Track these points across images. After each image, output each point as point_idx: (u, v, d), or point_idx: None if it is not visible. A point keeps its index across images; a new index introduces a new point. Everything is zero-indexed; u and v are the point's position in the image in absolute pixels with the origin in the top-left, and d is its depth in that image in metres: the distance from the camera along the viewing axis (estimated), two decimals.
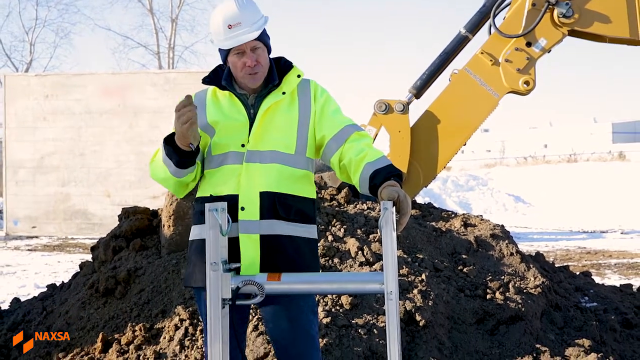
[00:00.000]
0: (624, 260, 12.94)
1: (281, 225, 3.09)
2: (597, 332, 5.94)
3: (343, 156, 3.13)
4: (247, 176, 3.07)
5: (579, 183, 28.18)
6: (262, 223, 3.06)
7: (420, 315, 5.19)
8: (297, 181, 3.16)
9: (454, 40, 7.02)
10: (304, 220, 3.18)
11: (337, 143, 3.16)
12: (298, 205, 3.15)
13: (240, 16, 3.05)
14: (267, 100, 3.15)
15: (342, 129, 3.18)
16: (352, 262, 5.59)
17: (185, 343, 4.82)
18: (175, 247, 5.82)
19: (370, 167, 2.98)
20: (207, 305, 2.79)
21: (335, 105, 3.28)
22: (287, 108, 3.18)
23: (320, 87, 3.29)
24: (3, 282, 10.84)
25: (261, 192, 3.07)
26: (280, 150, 3.12)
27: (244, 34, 3.04)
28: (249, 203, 3.06)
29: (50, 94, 18.44)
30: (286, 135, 3.15)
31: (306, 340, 3.18)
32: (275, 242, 3.07)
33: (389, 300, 2.70)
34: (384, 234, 2.71)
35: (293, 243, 3.12)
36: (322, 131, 3.19)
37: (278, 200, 3.09)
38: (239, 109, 3.16)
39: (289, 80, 3.22)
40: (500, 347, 5.38)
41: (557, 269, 7.39)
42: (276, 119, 3.15)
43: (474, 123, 7.01)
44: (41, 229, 18.58)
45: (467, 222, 7.08)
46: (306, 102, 3.22)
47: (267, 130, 3.12)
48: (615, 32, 6.80)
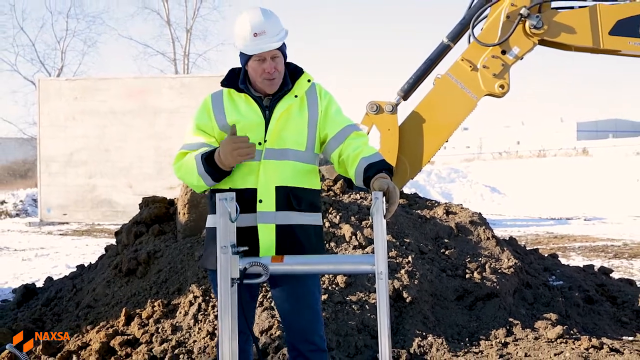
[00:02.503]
0: (587, 243, 12.95)
1: (294, 215, 3.10)
2: (562, 307, 5.95)
3: (342, 152, 3.13)
4: (265, 172, 3.06)
5: (547, 176, 28.20)
6: (278, 214, 3.07)
7: (407, 292, 5.19)
8: (306, 175, 3.17)
9: (437, 48, 7.02)
10: (312, 210, 3.19)
11: (338, 141, 3.16)
12: (308, 197, 3.16)
13: (265, 26, 3.03)
14: (281, 103, 3.13)
15: (343, 129, 3.18)
16: (346, 246, 5.59)
17: (198, 317, 4.82)
18: (189, 232, 5.81)
19: (364, 161, 2.99)
20: (218, 284, 2.79)
21: (337, 106, 3.28)
22: (298, 110, 3.17)
23: (324, 90, 3.29)
24: (38, 263, 10.85)
25: (277, 187, 3.07)
26: (293, 148, 3.12)
27: (268, 42, 3.03)
28: (266, 196, 3.06)
29: (79, 96, 18.42)
30: (299, 134, 3.14)
31: (311, 315, 3.18)
32: (289, 231, 3.08)
33: (379, 280, 2.70)
34: (375, 221, 2.71)
35: (303, 231, 3.13)
36: (325, 129, 3.20)
37: (292, 193, 3.09)
38: (255, 110, 3.14)
39: (300, 85, 3.21)
40: (477, 321, 5.39)
41: (528, 252, 7.40)
42: (290, 120, 3.14)
43: (455, 122, 7.00)
44: (71, 216, 18.58)
45: (448, 210, 7.09)
46: (314, 104, 3.21)
47: (282, 130, 3.11)
48: (580, 41, 6.79)
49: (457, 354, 4.75)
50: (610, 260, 10.47)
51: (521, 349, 4.87)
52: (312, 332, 3.18)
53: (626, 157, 31.40)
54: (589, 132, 61.60)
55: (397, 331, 4.95)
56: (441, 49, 7.02)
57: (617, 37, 6.76)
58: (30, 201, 22.48)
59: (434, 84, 6.95)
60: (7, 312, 6.44)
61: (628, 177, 25.76)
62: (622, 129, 62.80)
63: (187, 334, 4.72)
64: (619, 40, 6.78)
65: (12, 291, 7.62)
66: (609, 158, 31.91)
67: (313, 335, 3.18)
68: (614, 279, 7.41)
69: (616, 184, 24.87)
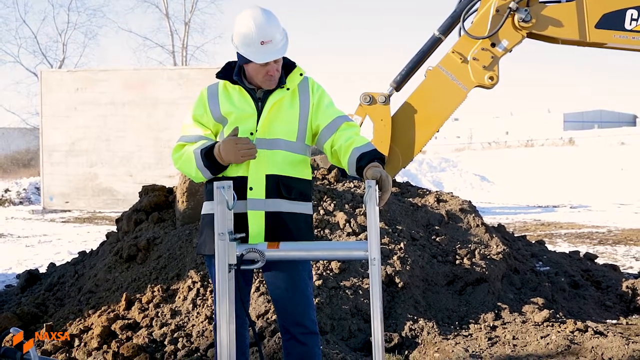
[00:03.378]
0: (573, 230, 13.00)
1: (283, 203, 3.11)
2: (549, 291, 5.97)
3: (334, 143, 3.13)
4: (256, 161, 3.06)
5: (534, 165, 28.28)
6: (267, 201, 3.08)
7: (399, 278, 5.20)
8: (297, 165, 3.17)
9: (428, 41, 7.00)
10: (302, 199, 3.20)
11: (330, 131, 3.16)
12: (298, 186, 3.16)
13: (272, 33, 3.01)
14: (273, 95, 3.14)
15: (334, 120, 3.18)
16: (340, 233, 5.60)
17: (197, 302, 4.82)
18: (188, 219, 5.81)
19: (357, 151, 2.99)
20: (216, 269, 2.79)
21: (329, 99, 3.28)
22: (290, 102, 3.18)
23: (317, 84, 3.29)
24: (41, 249, 10.84)
25: (267, 175, 3.08)
26: (284, 139, 3.12)
27: (276, 52, 3.03)
28: (256, 184, 3.07)
29: (80, 87, 18.36)
30: (289, 125, 3.15)
31: (302, 300, 3.19)
32: (278, 218, 3.09)
33: (372, 266, 2.70)
34: (368, 208, 2.71)
35: (292, 218, 3.13)
36: (317, 121, 3.20)
37: (281, 182, 3.10)
38: (248, 102, 3.15)
39: (293, 78, 3.21)
40: (467, 305, 5.41)
41: (516, 238, 7.42)
42: (281, 111, 3.14)
43: (445, 113, 7.00)
44: (73, 203, 18.55)
45: (439, 198, 7.09)
46: (305, 97, 3.21)
47: (273, 121, 3.12)
48: (566, 34, 6.78)
49: (448, 337, 4.77)
50: (595, 246, 10.51)
51: (509, 332, 4.89)
52: (304, 316, 3.19)
53: (611, 147, 31.50)
54: (575, 122, 61.72)
55: (389, 315, 4.96)
56: (432, 42, 7.00)
57: (602, 30, 6.75)
58: (33, 189, 22.42)
59: (425, 76, 6.94)
60: (12, 297, 6.43)
61: (612, 167, 25.86)
62: (607, 120, 62.98)
63: (185, 318, 4.72)
64: (605, 33, 6.77)
65: (16, 276, 7.61)
66: (594, 148, 31.99)
67: (304, 318, 3.19)
68: (599, 265, 7.44)
69: (601, 173, 24.96)
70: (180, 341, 4.46)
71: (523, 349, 4.59)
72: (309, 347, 3.21)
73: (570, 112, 65.61)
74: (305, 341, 3.19)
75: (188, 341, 4.46)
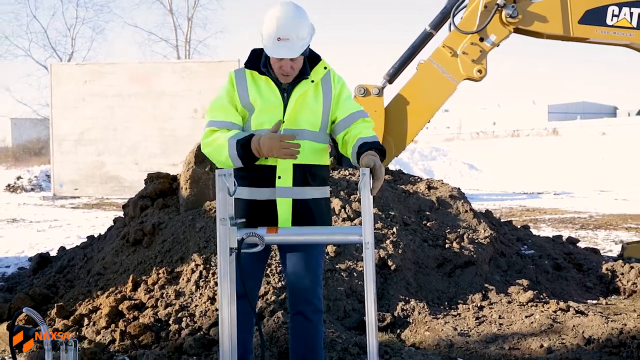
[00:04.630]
0: (556, 216, 13.03)
1: (309, 190, 3.14)
2: (533, 274, 5.99)
3: (347, 134, 3.16)
4: None
5: (520, 154, 28.28)
6: (295, 189, 3.10)
7: (392, 261, 5.21)
8: (320, 153, 3.19)
9: (420, 35, 6.98)
10: (323, 184, 3.24)
11: (345, 124, 3.17)
12: (320, 173, 3.20)
13: (291, 32, 2.96)
14: (299, 87, 3.13)
15: (352, 114, 3.19)
16: (336, 218, 5.60)
17: (200, 284, 4.83)
18: (191, 205, 5.80)
19: (360, 140, 3.02)
20: (217, 252, 2.80)
21: (348, 92, 3.27)
22: (314, 94, 3.17)
23: (337, 76, 3.28)
24: (51, 234, 10.83)
25: (294, 165, 3.09)
26: (309, 129, 3.13)
27: (287, 52, 2.99)
28: (284, 173, 3.08)
29: (88, 79, 18.25)
30: (314, 116, 3.15)
31: (313, 279, 3.23)
32: (305, 204, 3.13)
33: (366, 249, 2.70)
34: (363, 195, 2.71)
35: (316, 204, 3.17)
36: (335, 113, 3.20)
37: (307, 171, 3.12)
38: (275, 93, 3.13)
39: (317, 72, 3.19)
40: (456, 287, 5.42)
41: (502, 223, 7.43)
42: (306, 103, 3.14)
43: (436, 104, 6.98)
44: (82, 190, 18.51)
45: (430, 185, 7.09)
46: (328, 89, 3.20)
47: (299, 112, 3.12)
48: (551, 30, 6.76)
49: (437, 317, 4.79)
50: (577, 231, 10.54)
51: (495, 312, 4.91)
52: (313, 294, 3.24)
53: (592, 137, 31.51)
54: (559, 113, 61.70)
55: (382, 296, 4.97)
56: (424, 36, 6.98)
57: (585, 25, 6.73)
58: (44, 177, 22.36)
59: (417, 69, 6.92)
60: (24, 279, 6.43)
61: (594, 156, 25.88)
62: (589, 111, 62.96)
63: (189, 299, 4.73)
64: (588, 28, 6.75)
65: (28, 259, 7.61)
66: (577, 138, 31.99)
67: (313, 296, 3.24)
68: (580, 248, 7.46)
69: (583, 162, 24.98)
70: (184, 321, 4.47)
71: (508, 327, 4.61)
72: (314, 323, 3.26)
73: (555, 104, 65.57)
74: (312, 317, 3.25)
75: (191, 321, 4.47)
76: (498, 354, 4.16)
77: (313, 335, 3.26)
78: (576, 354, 4.08)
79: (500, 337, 4.43)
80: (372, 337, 2.69)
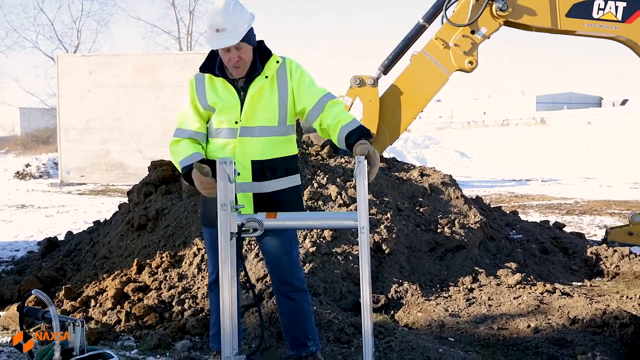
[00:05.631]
0: (543, 202, 13.05)
1: (269, 184, 3.14)
2: (521, 257, 6.01)
3: (322, 121, 3.12)
4: (241, 148, 3.09)
5: (509, 142, 28.28)
6: (254, 184, 3.12)
7: (386, 245, 5.21)
8: (281, 145, 3.18)
9: (413, 28, 6.95)
10: (289, 173, 3.22)
11: (317, 112, 3.14)
12: (282, 165, 3.18)
13: (225, 23, 2.95)
14: (253, 84, 3.11)
15: (320, 100, 3.15)
16: (332, 204, 5.59)
17: (201, 267, 4.83)
18: (193, 192, 5.78)
19: (344, 129, 2.98)
20: (219, 237, 2.79)
21: (309, 77, 3.22)
22: (269, 90, 3.14)
23: (295, 63, 3.22)
24: (59, 219, 10.81)
25: (252, 161, 3.10)
26: (266, 125, 3.12)
27: (226, 39, 2.97)
28: (243, 169, 3.09)
29: (94, 70, 18.20)
30: (271, 112, 3.13)
31: (289, 261, 3.27)
32: (265, 198, 3.14)
33: (362, 234, 2.70)
34: (358, 182, 2.70)
35: (278, 195, 3.17)
36: (302, 103, 3.16)
37: (266, 165, 3.12)
38: (231, 93, 3.13)
39: (270, 66, 3.16)
40: (447, 270, 5.44)
41: (492, 209, 7.44)
42: (262, 100, 3.12)
43: (429, 94, 6.98)
44: (88, 177, 18.50)
45: (423, 172, 7.09)
46: (283, 82, 3.17)
47: (255, 110, 3.11)
48: (540, 22, 6.75)
49: (429, 299, 4.80)
50: (563, 216, 10.56)
51: (485, 294, 4.92)
52: (291, 276, 3.27)
53: (578, 126, 31.52)
54: (546, 104, 61.65)
55: (376, 279, 4.98)
56: (417, 29, 6.95)
57: (572, 19, 6.72)
58: (51, 164, 22.28)
59: (411, 60, 6.90)
60: (33, 262, 6.43)
61: (580, 144, 25.90)
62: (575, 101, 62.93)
63: (191, 282, 4.73)
64: (575, 21, 6.73)
65: (37, 243, 7.60)
66: (563, 127, 32.01)
67: (292, 278, 3.27)
68: (566, 233, 7.49)
69: (569, 150, 25.01)
70: (186, 302, 4.47)
71: (497, 308, 4.63)
72: (299, 302, 3.30)
73: (543, 94, 65.52)
74: (295, 297, 3.28)
75: (193, 302, 4.48)
76: (487, 333, 4.18)
77: (299, 315, 3.30)
78: (562, 334, 4.09)
79: (490, 318, 4.45)
80: (366, 318, 2.70)
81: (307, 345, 3.32)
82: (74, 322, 2.31)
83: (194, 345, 3.96)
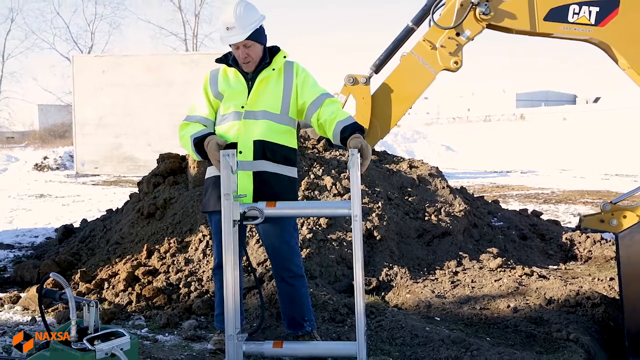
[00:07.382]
0: (522, 192, 13.07)
1: (269, 164, 3.14)
2: (502, 243, 6.02)
3: (319, 117, 3.15)
4: (245, 129, 3.12)
5: (491, 137, 28.26)
6: (255, 163, 3.12)
7: (377, 232, 5.22)
8: (281, 133, 3.19)
9: (403, 30, 6.89)
10: (287, 163, 3.22)
11: (315, 107, 3.18)
12: (281, 151, 3.19)
13: (235, 22, 3.05)
14: (261, 74, 3.18)
15: (319, 97, 3.20)
16: (328, 194, 5.59)
17: (206, 252, 4.83)
18: (198, 182, 5.77)
19: (340, 124, 3.01)
20: (222, 224, 2.79)
21: (313, 79, 3.29)
22: (275, 80, 3.21)
23: (301, 67, 3.30)
24: (75, 207, 10.79)
25: (254, 140, 3.11)
26: (269, 110, 3.15)
27: (234, 36, 3.07)
28: (245, 148, 3.11)
29: (106, 70, 18.16)
30: (274, 99, 3.17)
31: (287, 248, 3.26)
32: (264, 177, 3.13)
33: (355, 221, 2.70)
34: (351, 173, 2.71)
35: (277, 178, 3.17)
36: (303, 98, 3.21)
37: (266, 146, 3.13)
38: (240, 81, 3.21)
39: (277, 60, 3.24)
40: (434, 255, 5.44)
41: (475, 198, 7.45)
42: (268, 88, 3.18)
43: (417, 92, 6.92)
44: (101, 169, 18.48)
45: (411, 164, 7.09)
46: (289, 78, 3.23)
47: (260, 96, 3.16)
48: (519, 26, 6.69)
49: (417, 281, 4.81)
50: (541, 205, 10.58)
51: (468, 277, 4.93)
52: (289, 262, 3.27)
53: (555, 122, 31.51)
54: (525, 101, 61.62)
55: (368, 263, 4.99)
56: (406, 31, 6.90)
57: (550, 22, 6.67)
58: (67, 157, 22.20)
59: (400, 60, 6.88)
60: (51, 247, 6.42)
61: (556, 138, 25.92)
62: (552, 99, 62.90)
63: (197, 266, 4.73)
64: (552, 25, 6.69)
65: (55, 230, 7.59)
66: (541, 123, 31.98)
67: (290, 264, 3.27)
68: (543, 220, 7.50)
69: (547, 144, 25.02)
70: (192, 285, 4.47)
71: (480, 290, 4.64)
72: (297, 287, 3.29)
73: (522, 92, 65.47)
74: (293, 283, 3.28)
75: (199, 285, 4.48)
76: (470, 313, 4.19)
77: (296, 299, 3.30)
78: (539, 313, 4.11)
79: (473, 299, 4.46)
80: (359, 299, 2.70)
81: (303, 326, 3.33)
82: (88, 303, 2.31)
83: (199, 325, 3.96)
